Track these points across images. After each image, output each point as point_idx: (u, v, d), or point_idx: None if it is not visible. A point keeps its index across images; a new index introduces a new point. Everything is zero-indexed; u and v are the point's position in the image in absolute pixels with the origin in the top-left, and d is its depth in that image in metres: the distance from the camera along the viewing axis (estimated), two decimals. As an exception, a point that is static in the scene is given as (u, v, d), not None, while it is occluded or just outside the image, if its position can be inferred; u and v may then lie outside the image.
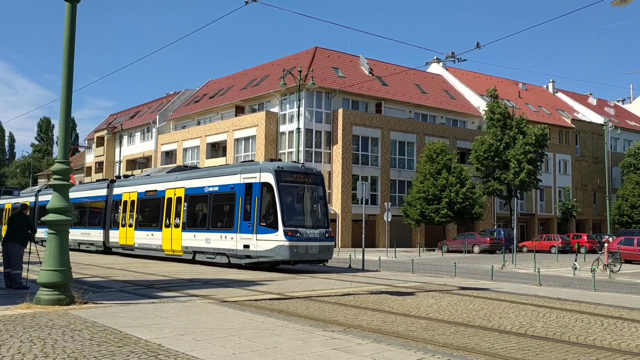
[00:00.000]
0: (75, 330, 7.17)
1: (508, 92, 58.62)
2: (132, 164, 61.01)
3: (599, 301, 12.16)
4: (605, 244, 27.05)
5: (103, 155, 64.42)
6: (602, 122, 59.10)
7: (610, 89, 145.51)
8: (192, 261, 20.60)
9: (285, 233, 17.08)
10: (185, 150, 53.42)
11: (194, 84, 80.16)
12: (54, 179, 9.74)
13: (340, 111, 43.87)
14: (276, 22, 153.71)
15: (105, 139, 62.66)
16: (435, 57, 20.93)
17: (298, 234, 17.30)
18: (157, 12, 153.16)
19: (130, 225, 24.46)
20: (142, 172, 35.22)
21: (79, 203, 28.49)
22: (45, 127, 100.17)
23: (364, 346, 6.62)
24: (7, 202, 38.55)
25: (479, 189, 44.32)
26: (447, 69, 58.91)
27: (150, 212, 23.78)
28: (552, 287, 16.07)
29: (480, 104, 53.47)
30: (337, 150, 43.79)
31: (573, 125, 59.87)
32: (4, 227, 12.61)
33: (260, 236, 17.57)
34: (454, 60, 18.02)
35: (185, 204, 21.16)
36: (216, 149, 50.75)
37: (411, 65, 65.34)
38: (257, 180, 18.02)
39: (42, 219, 10.62)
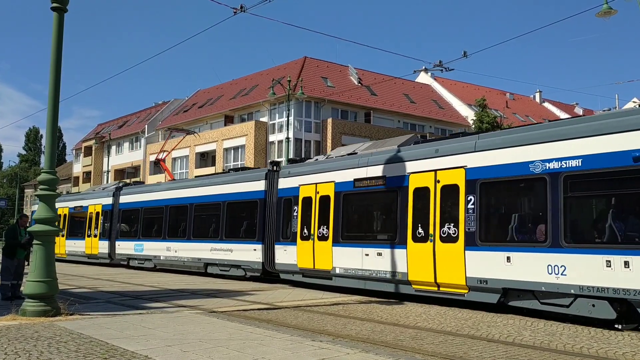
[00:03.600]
0: (61, 342, 7.10)
1: (496, 102, 59.10)
2: (121, 173, 60.69)
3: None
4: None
5: (91, 165, 64.07)
6: (588, 132, 59.61)
7: (596, 99, 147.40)
8: (497, 308, 11.36)
9: None
10: (174, 160, 53.23)
11: (183, 94, 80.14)
12: (40, 189, 9.69)
13: (329, 121, 43.99)
14: (265, 32, 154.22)
15: (93, 149, 62.37)
16: (423, 67, 21.05)
17: None
18: (146, 21, 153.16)
19: (324, 238, 15.03)
20: (324, 154, 21.30)
21: (203, 204, 20.20)
22: (33, 136, 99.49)
23: (353, 356, 6.61)
24: (61, 206, 29.52)
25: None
26: (435, 79, 59.33)
27: (373, 216, 14.88)
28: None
29: (468, 114, 53.85)
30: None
31: (560, 135, 60.40)
32: None
33: None
34: (442, 70, 18.15)
35: (472, 197, 11.53)
36: (205, 158, 50.62)
37: (400, 75, 65.71)
38: None
39: (29, 229, 10.50)
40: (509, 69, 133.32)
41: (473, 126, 47.33)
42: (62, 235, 29.44)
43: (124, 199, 25.38)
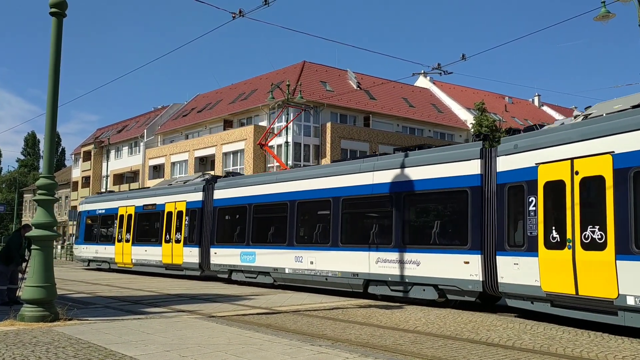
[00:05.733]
0: (60, 347, 7.08)
1: (495, 106, 59.19)
2: (120, 178, 60.68)
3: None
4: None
5: (90, 169, 64.07)
6: (587, 135, 59.54)
7: (595, 103, 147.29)
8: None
9: None
10: (173, 164, 53.24)
11: (182, 98, 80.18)
12: (39, 194, 9.67)
13: (328, 125, 44.03)
14: (264, 37, 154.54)
15: (92, 154, 62.36)
16: (422, 71, 21.07)
17: None
18: (145, 26, 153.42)
19: (597, 245, 9.46)
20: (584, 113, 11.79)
21: (359, 197, 14.79)
22: (31, 141, 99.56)
23: (352, 360, 6.59)
24: (124, 204, 25.23)
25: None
26: (434, 83, 59.43)
27: None
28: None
29: (467, 118, 53.92)
30: (326, 163, 43.81)
31: (559, 138, 60.37)
32: None
33: None
34: (440, 73, 18.13)
35: None
36: (204, 163, 50.63)
37: (399, 78, 65.83)
38: None
39: (28, 234, 10.44)
40: (507, 72, 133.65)
41: (472, 130, 47.37)
42: (127, 241, 24.27)
43: (220, 193, 19.78)
